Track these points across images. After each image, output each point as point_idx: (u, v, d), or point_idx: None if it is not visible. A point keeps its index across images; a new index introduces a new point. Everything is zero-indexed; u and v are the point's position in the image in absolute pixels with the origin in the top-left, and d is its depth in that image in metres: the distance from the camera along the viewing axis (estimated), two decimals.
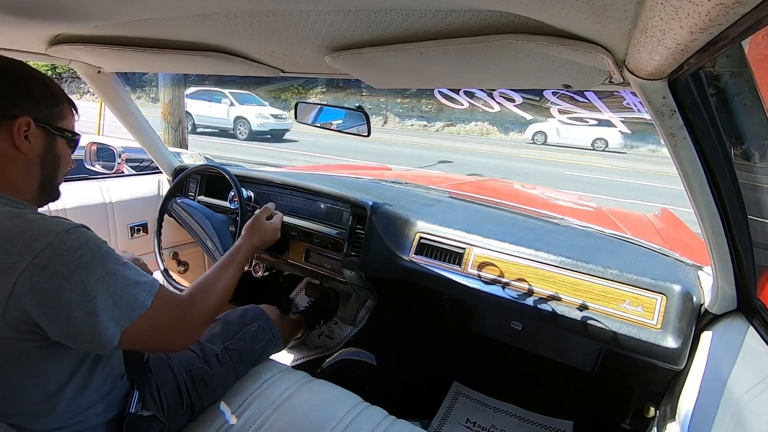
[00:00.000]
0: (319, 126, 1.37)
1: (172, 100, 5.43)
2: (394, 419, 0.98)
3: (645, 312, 1.02)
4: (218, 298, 0.85)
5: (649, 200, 6.70)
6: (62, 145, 0.74)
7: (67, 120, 0.75)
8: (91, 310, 0.60)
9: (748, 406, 0.63)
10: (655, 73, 0.49)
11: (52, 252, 0.58)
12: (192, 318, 0.77)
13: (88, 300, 0.60)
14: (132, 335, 0.66)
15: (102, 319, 0.61)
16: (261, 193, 1.60)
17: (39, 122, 0.69)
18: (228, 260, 0.97)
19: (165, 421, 0.87)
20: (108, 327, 0.62)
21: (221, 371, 1.00)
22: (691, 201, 0.71)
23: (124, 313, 0.64)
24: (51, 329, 0.60)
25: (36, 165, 0.71)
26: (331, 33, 0.68)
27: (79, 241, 0.61)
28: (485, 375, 1.67)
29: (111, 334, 0.63)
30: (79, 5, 0.67)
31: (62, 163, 0.75)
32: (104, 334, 0.62)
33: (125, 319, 0.64)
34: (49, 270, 0.58)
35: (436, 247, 1.28)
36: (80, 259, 0.60)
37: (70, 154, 0.77)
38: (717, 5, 0.29)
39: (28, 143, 0.68)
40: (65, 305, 0.59)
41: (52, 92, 0.72)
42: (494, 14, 0.52)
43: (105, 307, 0.62)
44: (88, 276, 0.60)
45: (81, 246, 0.61)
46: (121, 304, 0.64)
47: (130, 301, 0.65)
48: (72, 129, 0.76)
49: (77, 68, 1.27)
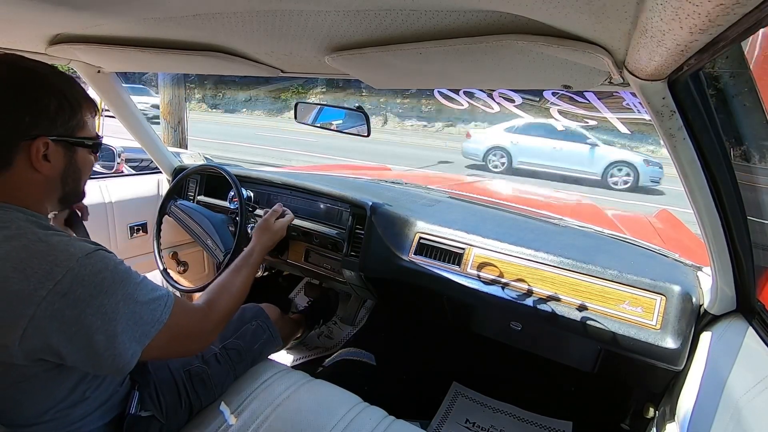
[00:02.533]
0: (320, 126, 1.37)
1: (171, 99, 5.45)
2: (393, 419, 0.98)
3: (644, 312, 1.02)
4: (233, 300, 0.87)
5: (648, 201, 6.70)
6: (83, 155, 0.71)
7: (88, 126, 0.71)
8: (111, 332, 0.60)
9: (748, 407, 0.63)
10: (654, 74, 0.49)
11: (73, 277, 0.57)
12: (208, 323, 0.79)
13: (109, 323, 0.60)
14: (152, 349, 0.66)
15: (122, 340, 0.61)
16: (261, 193, 1.60)
17: (58, 138, 0.65)
18: (241, 263, 0.99)
19: (163, 421, 0.87)
20: (128, 348, 0.62)
21: (220, 371, 1.00)
22: (691, 201, 0.71)
23: (145, 331, 0.64)
24: (70, 354, 0.59)
25: (57, 182, 0.69)
26: (331, 33, 0.68)
27: (99, 265, 0.60)
28: (485, 375, 1.67)
29: (131, 355, 0.63)
30: (79, 5, 0.67)
31: (85, 171, 0.73)
32: (124, 355, 0.62)
33: (146, 336, 0.65)
34: (71, 296, 0.57)
35: (436, 248, 1.28)
36: (101, 283, 0.60)
37: (93, 159, 0.75)
38: (717, 6, 0.29)
39: (48, 163, 0.65)
40: (87, 329, 0.58)
41: (69, 102, 0.67)
42: (494, 14, 0.52)
43: (125, 329, 0.62)
44: (109, 299, 0.60)
45: (101, 270, 0.60)
46: (141, 322, 0.64)
47: (149, 319, 0.65)
48: (93, 134, 0.72)
49: (77, 68, 1.27)
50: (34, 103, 0.63)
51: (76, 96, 0.68)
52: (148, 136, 1.63)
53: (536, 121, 9.30)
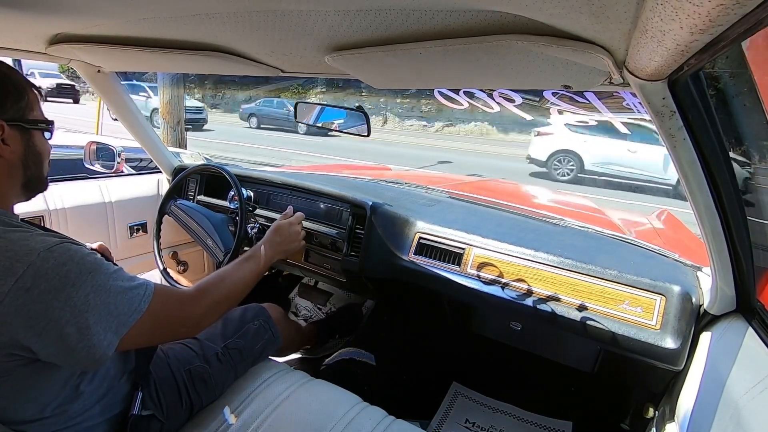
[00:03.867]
0: (320, 126, 1.37)
1: (170, 99, 5.41)
2: (393, 419, 0.98)
3: (644, 312, 1.02)
4: (228, 291, 0.85)
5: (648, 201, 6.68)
6: (39, 138, 0.71)
7: (37, 109, 0.71)
8: (83, 324, 0.60)
9: (747, 407, 0.63)
10: (654, 74, 0.49)
11: (35, 272, 0.57)
12: (198, 308, 0.77)
13: (79, 315, 0.59)
14: (133, 338, 0.66)
15: (95, 332, 0.61)
16: (261, 193, 1.60)
17: (11, 122, 0.66)
18: (247, 256, 0.96)
19: (164, 420, 0.87)
20: (102, 339, 0.62)
21: (221, 370, 1.00)
22: (691, 201, 0.71)
23: (122, 321, 0.64)
24: (42, 349, 0.59)
25: (18, 167, 0.68)
26: (331, 33, 0.68)
27: (63, 257, 0.59)
28: (484, 375, 1.67)
29: (106, 345, 0.62)
30: (79, 4, 0.67)
31: (44, 156, 0.73)
32: (99, 346, 0.61)
33: (123, 326, 0.64)
34: (34, 290, 0.56)
35: (436, 247, 1.28)
36: (67, 275, 0.59)
37: (48, 143, 0.74)
38: (717, 6, 0.29)
39: (7, 147, 0.65)
40: (56, 323, 0.58)
41: (14, 84, 0.67)
42: (494, 14, 0.52)
43: (98, 320, 0.61)
44: (77, 291, 0.59)
45: (66, 262, 0.59)
46: (116, 312, 0.63)
47: (125, 309, 0.64)
48: (44, 117, 0.72)
49: (77, 67, 1.27)
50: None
51: (20, 80, 0.68)
52: (147, 136, 1.63)
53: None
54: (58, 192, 1.51)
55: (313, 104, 1.39)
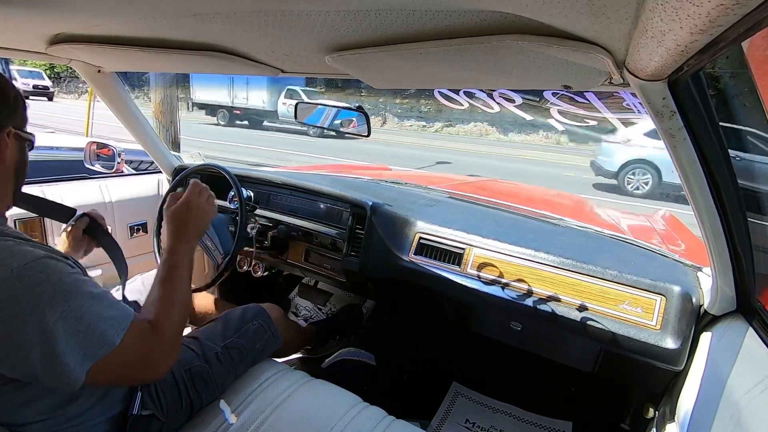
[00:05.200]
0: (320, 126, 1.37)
1: (164, 99, 5.12)
2: (393, 419, 0.98)
3: (644, 313, 1.02)
4: (181, 313, 0.78)
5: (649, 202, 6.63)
6: (25, 149, 0.71)
7: (26, 122, 0.71)
8: (50, 350, 0.56)
9: (748, 407, 0.63)
10: (655, 74, 0.49)
11: (6, 290, 0.54)
12: (162, 345, 0.71)
13: (47, 341, 0.55)
14: (99, 373, 0.61)
15: (64, 361, 0.57)
16: (261, 193, 1.60)
17: (18, 130, 0.66)
18: (166, 272, 0.83)
19: (164, 419, 0.87)
20: (72, 368, 0.57)
21: (221, 370, 1.00)
22: (691, 202, 0.71)
23: (89, 352, 0.59)
24: (8, 371, 0.56)
25: (12, 174, 0.68)
26: (331, 33, 0.68)
27: (39, 276, 0.56)
28: (484, 375, 1.67)
29: (75, 375, 0.58)
30: (79, 4, 0.67)
31: (26, 166, 0.72)
32: (68, 374, 0.57)
33: (90, 357, 0.59)
34: (3, 311, 0.53)
35: (436, 248, 1.28)
36: (39, 297, 0.55)
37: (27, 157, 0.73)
38: (717, 6, 0.29)
39: (9, 153, 0.65)
40: (21, 347, 0.54)
41: (21, 96, 0.68)
42: (494, 15, 0.52)
43: (66, 348, 0.57)
44: (48, 316, 0.55)
45: (40, 282, 0.56)
46: (86, 343, 0.58)
47: (95, 340, 0.59)
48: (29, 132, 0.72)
49: (77, 68, 1.27)
50: (1, 94, 0.64)
51: (19, 93, 0.68)
52: (148, 136, 1.63)
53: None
54: (58, 192, 1.51)
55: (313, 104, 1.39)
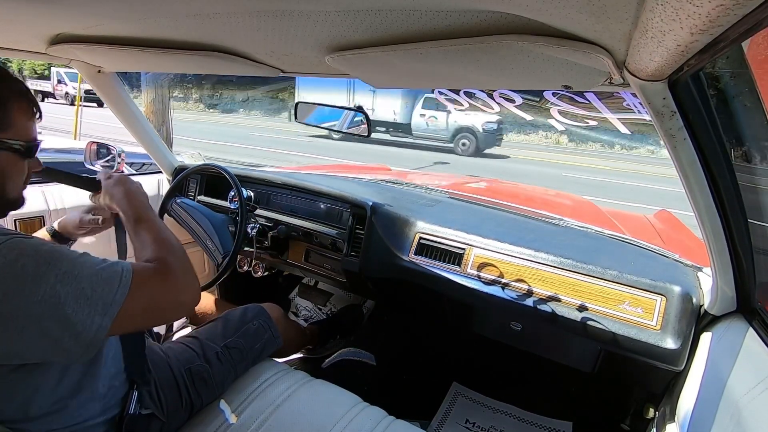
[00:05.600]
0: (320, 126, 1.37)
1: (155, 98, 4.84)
2: (393, 419, 0.98)
3: (644, 313, 1.02)
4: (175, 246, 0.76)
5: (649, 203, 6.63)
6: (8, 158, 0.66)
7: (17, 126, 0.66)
8: (60, 316, 0.56)
9: (748, 407, 0.63)
10: (655, 74, 0.49)
11: None
12: (175, 274, 0.70)
13: (53, 308, 0.56)
14: (128, 317, 0.62)
15: (78, 319, 0.57)
16: (261, 193, 1.60)
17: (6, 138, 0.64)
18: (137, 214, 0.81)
19: (164, 419, 0.87)
20: (89, 325, 0.58)
21: (221, 369, 1.00)
22: (691, 202, 0.71)
23: (107, 301, 0.59)
24: (28, 350, 0.56)
25: None
26: (331, 33, 0.68)
27: (14, 253, 0.55)
28: (485, 375, 1.67)
29: (95, 330, 0.58)
30: (79, 5, 0.67)
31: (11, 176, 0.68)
32: (85, 333, 0.58)
33: (111, 305, 0.60)
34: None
35: (436, 248, 1.28)
36: (23, 271, 0.55)
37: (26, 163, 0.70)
38: (717, 6, 0.29)
39: None
40: (31, 320, 0.55)
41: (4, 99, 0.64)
42: (494, 15, 0.52)
43: (77, 308, 0.57)
44: (41, 285, 0.55)
45: (18, 258, 0.55)
46: (96, 296, 0.59)
47: (105, 289, 0.60)
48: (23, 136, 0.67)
49: (77, 68, 1.27)
50: None
51: (3, 92, 0.64)
52: (148, 136, 1.63)
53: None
54: (58, 192, 1.51)
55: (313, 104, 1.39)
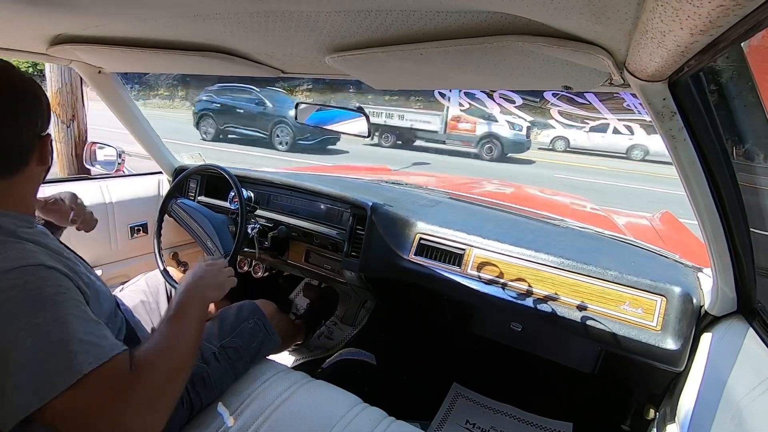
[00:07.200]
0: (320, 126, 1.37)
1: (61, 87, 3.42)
2: (393, 420, 0.97)
3: (645, 313, 1.02)
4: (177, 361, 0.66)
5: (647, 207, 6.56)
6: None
7: None
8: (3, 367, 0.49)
9: (748, 408, 0.63)
10: (655, 75, 0.49)
11: None
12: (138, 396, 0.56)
13: (2, 354, 0.50)
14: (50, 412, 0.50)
15: (12, 383, 0.49)
16: (261, 193, 1.60)
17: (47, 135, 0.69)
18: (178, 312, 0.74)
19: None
20: (18, 397, 0.49)
21: (219, 369, 1.00)
22: (691, 202, 0.71)
23: (47, 379, 0.50)
24: None
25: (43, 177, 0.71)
26: (331, 33, 0.68)
27: (15, 282, 0.53)
28: (485, 376, 1.67)
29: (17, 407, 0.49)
30: (79, 5, 0.67)
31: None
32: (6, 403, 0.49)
33: (49, 387, 0.50)
34: None
35: (436, 248, 1.28)
36: (8, 301, 0.51)
37: None
38: (717, 7, 0.29)
39: None
40: None
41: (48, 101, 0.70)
42: (495, 15, 0.52)
43: (22, 366, 0.49)
44: (8, 327, 0.51)
45: (13, 287, 0.52)
46: (48, 364, 0.50)
47: (60, 362, 0.51)
48: None
49: (78, 68, 1.27)
50: (39, 101, 0.67)
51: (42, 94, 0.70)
52: (148, 137, 1.64)
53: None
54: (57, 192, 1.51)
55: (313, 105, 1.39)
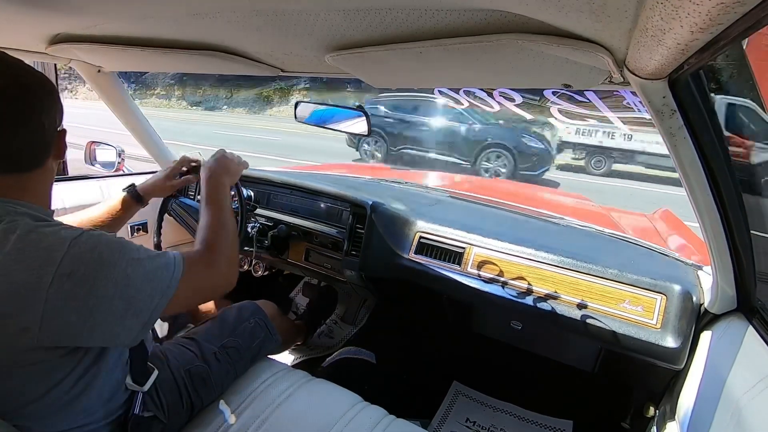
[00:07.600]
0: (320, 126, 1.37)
1: None
2: (393, 418, 0.98)
3: (645, 312, 1.02)
4: (229, 232, 0.89)
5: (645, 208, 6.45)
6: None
7: None
8: (128, 295, 0.64)
9: (748, 406, 0.63)
10: (655, 73, 0.49)
11: (71, 259, 0.60)
12: (220, 262, 0.81)
13: (124, 289, 0.64)
14: (180, 297, 0.71)
15: (141, 298, 0.66)
16: (261, 192, 1.60)
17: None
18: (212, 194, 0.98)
19: (165, 420, 0.87)
20: (149, 303, 0.67)
21: (220, 369, 1.00)
22: (691, 200, 0.71)
23: (165, 283, 0.69)
24: (92, 330, 0.62)
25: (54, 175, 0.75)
26: (331, 32, 0.68)
27: (92, 241, 0.63)
28: (485, 374, 1.67)
29: (153, 308, 0.67)
30: (79, 5, 0.67)
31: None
32: (145, 311, 0.66)
33: (169, 287, 0.69)
34: (75, 275, 0.60)
35: (436, 247, 1.28)
36: (100, 257, 0.63)
37: None
38: (717, 5, 0.29)
39: None
40: (103, 299, 0.62)
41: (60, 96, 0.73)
42: (494, 14, 0.52)
43: (141, 288, 0.66)
44: (115, 269, 0.63)
45: (95, 246, 0.63)
46: (157, 278, 0.68)
47: (163, 273, 0.69)
48: None
49: (77, 67, 1.27)
50: (57, 97, 0.70)
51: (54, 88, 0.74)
52: (147, 136, 1.63)
53: None
54: (57, 192, 1.51)
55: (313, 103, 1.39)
